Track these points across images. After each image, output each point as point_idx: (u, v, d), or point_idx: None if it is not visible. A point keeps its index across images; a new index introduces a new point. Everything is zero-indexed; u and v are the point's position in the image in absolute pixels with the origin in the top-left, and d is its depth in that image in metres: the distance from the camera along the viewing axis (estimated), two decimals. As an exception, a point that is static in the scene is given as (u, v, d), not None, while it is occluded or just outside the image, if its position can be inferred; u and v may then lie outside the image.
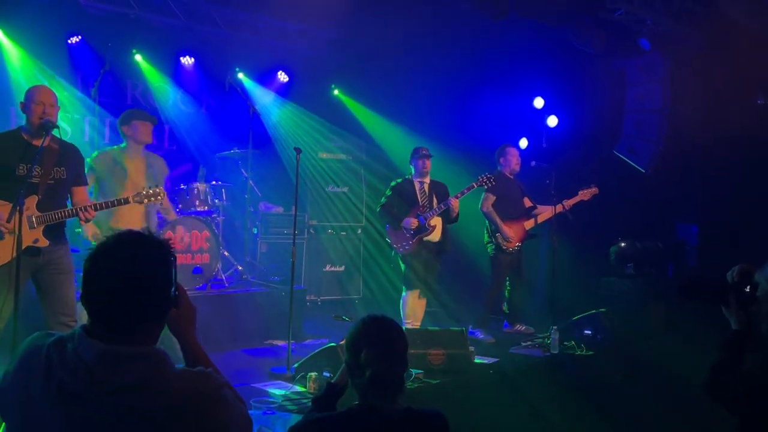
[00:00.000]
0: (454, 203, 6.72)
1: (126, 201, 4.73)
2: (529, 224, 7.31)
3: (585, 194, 7.34)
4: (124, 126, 5.82)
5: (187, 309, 2.01)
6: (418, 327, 6.43)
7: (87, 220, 4.45)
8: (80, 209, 4.40)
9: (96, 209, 4.49)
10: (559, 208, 7.12)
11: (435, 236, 6.79)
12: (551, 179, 7.12)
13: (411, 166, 7.00)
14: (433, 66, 8.80)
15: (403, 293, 6.90)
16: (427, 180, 6.94)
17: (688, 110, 7.89)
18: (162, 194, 4.84)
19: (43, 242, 4.31)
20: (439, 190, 6.95)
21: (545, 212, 7.31)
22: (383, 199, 6.96)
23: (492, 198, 7.13)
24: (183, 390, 1.72)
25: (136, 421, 1.66)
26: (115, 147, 5.97)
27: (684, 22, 7.81)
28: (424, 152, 6.88)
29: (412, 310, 6.84)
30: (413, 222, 6.69)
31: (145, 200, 4.79)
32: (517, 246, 7.21)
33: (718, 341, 2.39)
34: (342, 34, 9.41)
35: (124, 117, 5.88)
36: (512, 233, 7.13)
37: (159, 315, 1.82)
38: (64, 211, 4.39)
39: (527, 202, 7.41)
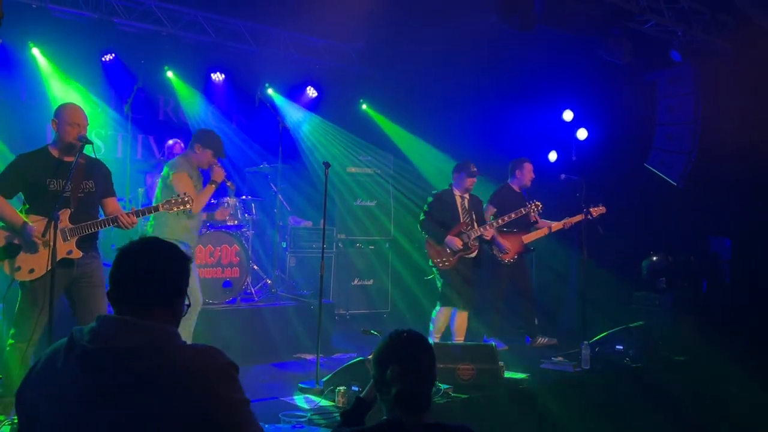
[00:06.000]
0: (489, 232, 6.71)
1: (156, 209, 4.81)
2: (528, 238, 7.27)
3: (593, 211, 7.22)
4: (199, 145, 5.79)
5: None
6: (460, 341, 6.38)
7: (129, 225, 4.53)
8: (121, 216, 4.49)
9: (138, 216, 4.62)
10: (565, 224, 7.23)
11: (473, 253, 6.78)
12: (581, 192, 7.06)
13: (454, 179, 6.87)
14: (462, 80, 8.80)
15: (437, 308, 6.82)
16: (467, 195, 6.87)
17: (719, 122, 7.78)
18: (190, 202, 4.90)
19: (77, 253, 4.40)
20: (476, 206, 6.90)
21: (543, 228, 7.33)
22: (424, 211, 6.84)
23: (492, 210, 7.15)
24: (191, 360, 1.83)
25: (143, 383, 1.76)
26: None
27: (715, 34, 7.73)
28: (473, 170, 6.74)
29: (442, 325, 6.77)
30: (457, 243, 6.59)
31: (175, 208, 4.86)
32: (514, 258, 7.17)
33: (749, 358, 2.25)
34: (370, 50, 9.49)
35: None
36: (509, 245, 7.11)
37: (170, 301, 1.97)
38: (96, 222, 4.48)
39: (533, 217, 7.33)
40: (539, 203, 6.89)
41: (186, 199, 4.88)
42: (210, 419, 1.78)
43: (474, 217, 6.81)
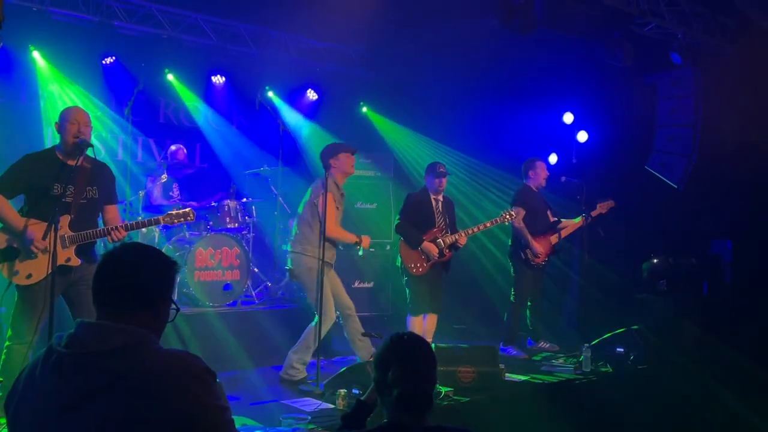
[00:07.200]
0: (463, 240, 6.52)
1: (157, 222, 4.79)
2: (554, 239, 7.23)
3: (602, 207, 7.25)
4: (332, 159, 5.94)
5: None
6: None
7: (117, 240, 4.50)
8: (111, 229, 4.46)
9: (127, 229, 4.53)
10: (589, 220, 7.09)
11: (446, 258, 6.59)
12: (582, 195, 7.05)
13: (426, 182, 6.71)
14: (462, 82, 8.80)
15: (408, 318, 6.59)
16: (441, 197, 6.69)
17: (721, 124, 7.77)
18: (192, 214, 4.89)
19: (75, 261, 4.38)
20: (449, 208, 6.72)
21: (568, 226, 7.27)
22: (400, 213, 6.70)
23: (523, 212, 7.03)
24: (167, 364, 1.82)
25: (118, 386, 1.76)
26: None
27: (716, 36, 7.73)
28: (441, 170, 6.57)
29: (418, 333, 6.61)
30: (434, 250, 6.40)
31: (176, 220, 4.85)
32: (545, 261, 7.14)
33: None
34: (370, 52, 9.48)
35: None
36: (541, 248, 7.06)
37: (151, 304, 1.97)
38: (95, 231, 4.45)
39: (550, 216, 7.35)
40: (513, 213, 6.72)
41: (187, 211, 4.85)
42: (188, 424, 1.77)
43: (447, 221, 6.63)
